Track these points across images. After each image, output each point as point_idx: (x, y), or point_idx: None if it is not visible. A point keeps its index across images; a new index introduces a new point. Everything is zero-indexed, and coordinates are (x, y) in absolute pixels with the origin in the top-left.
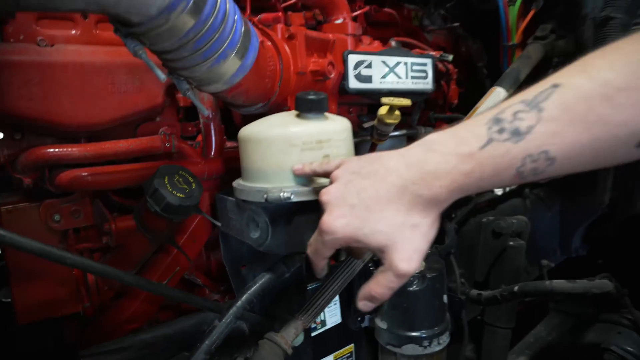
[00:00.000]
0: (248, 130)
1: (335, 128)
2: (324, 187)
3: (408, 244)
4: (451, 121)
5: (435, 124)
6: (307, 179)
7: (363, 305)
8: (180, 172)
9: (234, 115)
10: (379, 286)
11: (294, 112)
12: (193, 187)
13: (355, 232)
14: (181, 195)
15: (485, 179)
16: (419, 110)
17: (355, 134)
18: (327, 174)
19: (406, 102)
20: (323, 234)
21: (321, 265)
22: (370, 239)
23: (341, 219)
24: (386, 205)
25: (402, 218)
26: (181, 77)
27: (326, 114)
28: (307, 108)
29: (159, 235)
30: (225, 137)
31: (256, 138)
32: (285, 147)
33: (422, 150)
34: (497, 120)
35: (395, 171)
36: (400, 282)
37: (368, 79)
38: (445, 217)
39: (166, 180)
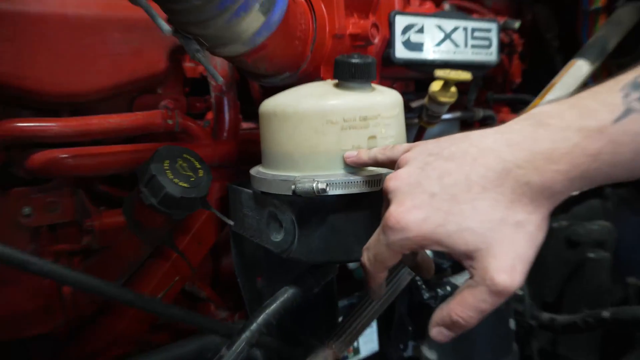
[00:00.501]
0: (272, 103)
1: (384, 102)
2: (373, 176)
3: (509, 248)
4: (514, 103)
5: (492, 106)
6: (349, 166)
7: (438, 333)
8: (184, 155)
9: (251, 89)
10: (465, 307)
11: (331, 81)
12: (200, 175)
13: (435, 229)
14: (185, 184)
15: (619, 163)
16: (476, 88)
17: None
18: (391, 163)
19: (465, 75)
20: (389, 232)
21: (380, 280)
22: (456, 240)
23: (417, 212)
24: (480, 194)
25: (502, 212)
26: (190, 35)
27: (373, 84)
28: (349, 74)
29: (154, 235)
30: (240, 115)
31: (283, 112)
32: (321, 124)
33: (529, 125)
34: (637, 85)
35: (493, 151)
36: (497, 301)
37: (418, 47)
38: None
39: (166, 165)
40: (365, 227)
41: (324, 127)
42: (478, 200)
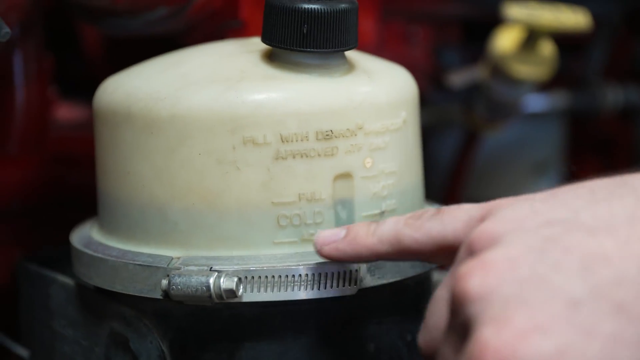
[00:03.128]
0: (122, 91)
1: (373, 98)
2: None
3: None
4: None
5: None
6: (298, 230)
7: None
8: None
9: (83, 38)
10: None
11: (258, 43)
12: None
13: None
14: None
15: None
16: (606, 41)
17: (424, 104)
18: (437, 247)
19: (575, 20)
20: None
21: None
22: None
23: (544, 338)
24: None
25: None
26: None
27: (351, 54)
28: (296, 38)
29: None
30: (55, 90)
31: (146, 114)
32: (231, 145)
33: None
34: None
35: None
36: None
37: None
38: None
39: None
40: None
41: (238, 153)
42: None
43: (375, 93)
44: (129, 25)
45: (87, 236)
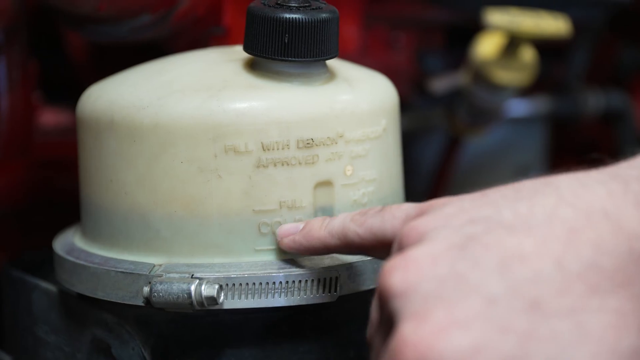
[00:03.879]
0: (105, 98)
1: (354, 106)
2: (328, 268)
3: None
4: None
5: (633, 81)
6: (281, 251)
7: None
8: None
9: (68, 43)
10: None
11: (240, 51)
12: None
13: None
14: None
15: None
16: (587, 46)
17: (405, 110)
18: (380, 244)
19: (555, 26)
20: None
21: None
22: None
23: (461, 333)
24: (587, 300)
25: (635, 340)
26: None
27: (332, 63)
28: (277, 48)
29: None
30: (37, 96)
31: (129, 122)
32: (212, 153)
33: None
34: None
35: (609, 217)
36: None
37: None
38: None
39: None
40: None
41: (220, 161)
42: (585, 314)
43: (356, 101)
44: (113, 32)
45: (70, 243)
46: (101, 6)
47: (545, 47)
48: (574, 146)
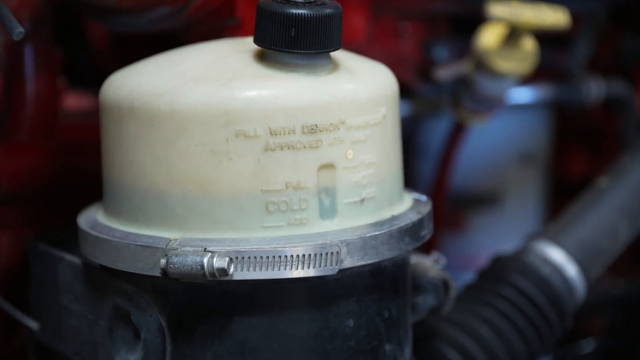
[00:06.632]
0: (126, 87)
1: (355, 95)
2: (328, 244)
3: None
4: None
5: (637, 69)
6: (285, 216)
7: None
8: None
9: (89, 31)
10: None
11: (250, 44)
12: None
13: None
14: None
15: None
16: (589, 36)
17: (412, 96)
18: None
19: (555, 18)
20: None
21: None
22: None
23: None
24: None
25: None
26: None
27: (336, 54)
28: (285, 40)
29: None
30: (61, 82)
31: (147, 109)
32: (224, 138)
33: None
34: None
35: None
36: None
37: None
38: None
39: None
40: (308, 348)
41: (231, 145)
42: None
43: (357, 90)
44: (133, 23)
45: (93, 219)
46: (122, 1)
47: (549, 37)
48: (580, 132)
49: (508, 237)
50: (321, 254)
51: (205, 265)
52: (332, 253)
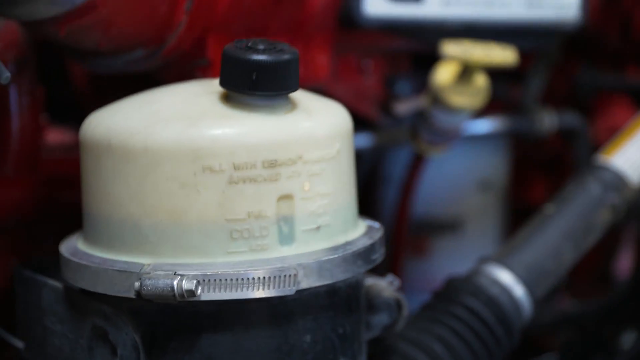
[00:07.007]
0: (104, 125)
1: (312, 132)
2: (285, 268)
3: None
4: None
5: (594, 100)
6: (247, 242)
7: None
8: None
9: (71, 71)
10: None
11: (217, 87)
12: None
13: None
14: None
15: None
16: (544, 69)
17: (375, 128)
18: None
19: (503, 56)
20: None
21: None
22: None
23: None
24: None
25: None
26: None
27: (295, 95)
28: (247, 83)
29: None
30: (45, 117)
31: (124, 146)
32: (192, 172)
33: None
34: None
35: None
36: None
37: None
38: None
39: None
40: None
41: (198, 179)
42: None
43: (314, 128)
44: (111, 64)
45: (74, 246)
46: (101, 43)
47: (505, 72)
48: (539, 160)
49: (469, 261)
50: (280, 276)
51: (175, 287)
52: (289, 275)
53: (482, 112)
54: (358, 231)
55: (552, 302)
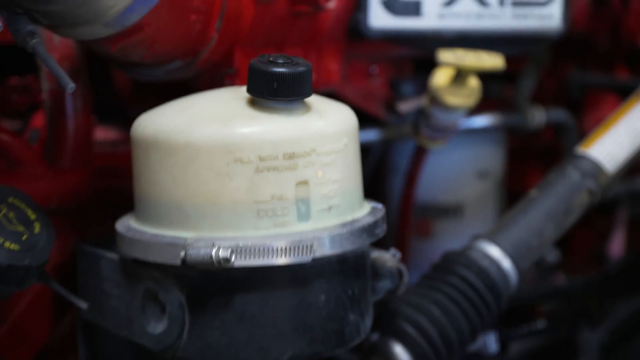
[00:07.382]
0: (152, 125)
1: (323, 130)
2: (304, 240)
3: None
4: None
5: (583, 97)
6: (271, 219)
7: None
8: (9, 199)
9: (115, 78)
10: None
11: (245, 94)
12: (36, 232)
13: None
14: (13, 245)
15: None
16: (534, 71)
17: (382, 124)
18: None
19: (492, 62)
20: None
21: None
22: None
23: None
24: None
25: None
26: (20, 10)
27: (310, 99)
28: (269, 90)
29: None
30: (94, 118)
31: (168, 142)
32: (226, 163)
33: None
34: None
35: None
36: None
37: (412, 8)
38: (583, 318)
39: None
40: (291, 316)
41: (230, 168)
42: None
43: (325, 126)
44: (152, 73)
45: (127, 224)
46: (145, 56)
47: (500, 74)
48: (534, 151)
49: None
50: (299, 246)
51: (214, 255)
52: (307, 246)
53: (479, 109)
54: (363, 211)
55: (549, 279)
